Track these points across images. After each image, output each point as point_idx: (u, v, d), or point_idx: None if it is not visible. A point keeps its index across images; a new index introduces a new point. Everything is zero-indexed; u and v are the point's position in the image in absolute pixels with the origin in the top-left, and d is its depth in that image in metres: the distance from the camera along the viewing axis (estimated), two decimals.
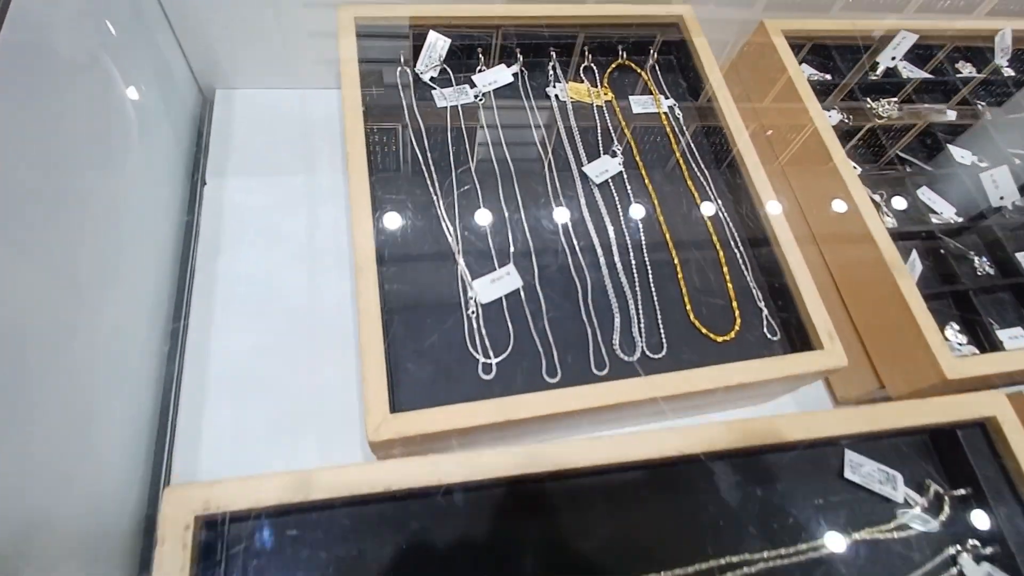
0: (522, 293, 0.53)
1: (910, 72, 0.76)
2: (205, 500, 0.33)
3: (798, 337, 0.54)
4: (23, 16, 0.39)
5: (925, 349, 0.52)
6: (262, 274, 0.60)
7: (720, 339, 0.54)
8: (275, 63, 0.70)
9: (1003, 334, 0.58)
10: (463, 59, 0.64)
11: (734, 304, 0.55)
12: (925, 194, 0.66)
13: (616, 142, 0.63)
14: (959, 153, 0.70)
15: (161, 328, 0.56)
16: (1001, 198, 0.66)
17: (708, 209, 0.60)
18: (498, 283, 0.52)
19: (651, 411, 0.53)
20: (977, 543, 0.41)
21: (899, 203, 0.65)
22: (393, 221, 0.54)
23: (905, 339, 0.54)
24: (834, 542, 0.41)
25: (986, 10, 0.80)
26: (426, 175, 0.57)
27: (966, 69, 0.79)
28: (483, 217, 0.56)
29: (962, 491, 0.42)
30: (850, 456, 0.43)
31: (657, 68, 0.69)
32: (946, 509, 0.42)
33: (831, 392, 0.65)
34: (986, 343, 0.57)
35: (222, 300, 0.59)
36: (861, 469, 0.42)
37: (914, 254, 0.60)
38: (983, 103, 0.75)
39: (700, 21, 0.70)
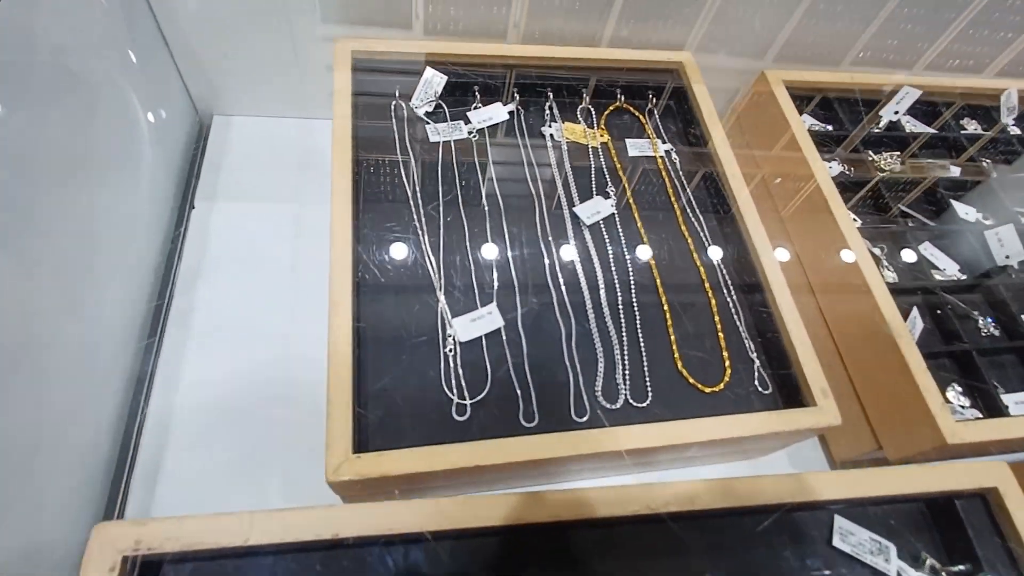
0: (503, 333, 0.51)
1: (914, 127, 0.75)
2: (136, 539, 0.30)
3: (790, 392, 0.51)
4: (18, 32, 0.39)
5: (925, 411, 0.49)
6: (241, 303, 0.59)
7: (708, 390, 0.51)
8: (274, 92, 0.70)
9: (1008, 399, 0.55)
10: (460, 95, 0.64)
11: (725, 354, 0.53)
12: (928, 249, 0.64)
13: (610, 184, 0.62)
14: (963, 210, 0.68)
15: (132, 351, 0.55)
16: (1007, 257, 0.64)
17: (702, 256, 0.59)
18: (479, 322, 0.51)
19: (633, 462, 0.50)
20: None
21: (903, 257, 0.63)
22: (376, 254, 0.53)
23: (904, 400, 0.51)
24: None
25: (995, 70, 0.79)
26: (412, 209, 0.56)
27: (971, 126, 0.78)
28: (468, 254, 0.55)
29: (960, 567, 0.39)
30: (840, 523, 0.40)
31: (656, 112, 0.69)
32: None
33: (827, 451, 0.62)
34: (989, 407, 0.54)
35: (198, 326, 0.57)
36: (851, 537, 0.39)
37: (915, 311, 0.58)
38: (988, 161, 0.74)
39: (710, 69, 0.70)
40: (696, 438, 0.45)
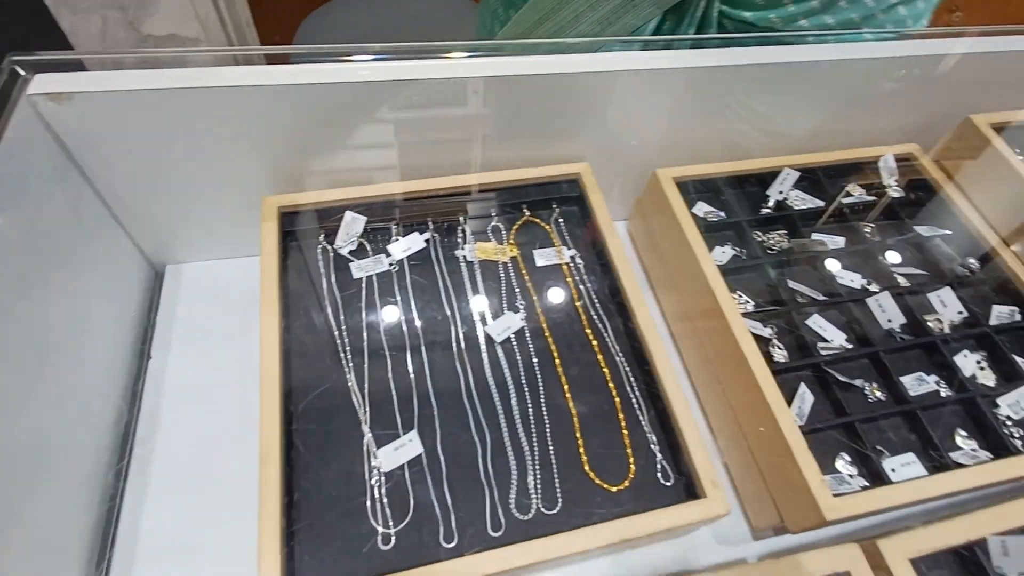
0: (424, 459, 0.56)
1: (802, 203, 0.82)
2: None
3: (688, 484, 0.57)
4: None
5: (806, 488, 0.55)
6: (199, 447, 0.65)
7: (615, 488, 0.57)
8: (219, 237, 0.77)
9: (895, 461, 0.61)
10: (380, 231, 0.72)
11: (628, 451, 0.59)
12: (816, 322, 0.70)
13: (520, 297, 0.68)
14: (849, 277, 0.75)
15: (95, 516, 0.60)
16: (889, 321, 0.71)
17: (606, 356, 0.65)
18: (401, 450, 0.57)
19: (552, 564, 0.55)
20: None
21: (792, 334, 0.69)
22: (304, 397, 0.59)
23: (791, 477, 0.57)
24: None
25: (868, 141, 0.87)
26: (339, 347, 0.62)
27: (857, 192, 0.86)
28: (391, 383, 0.61)
29: None
30: None
31: (561, 220, 0.76)
32: None
33: (748, 521, 0.67)
34: (873, 474, 0.59)
35: (157, 474, 0.63)
36: None
37: (802, 387, 0.64)
38: (871, 226, 0.81)
39: (612, 172, 0.78)
40: (594, 544, 0.50)
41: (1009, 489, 0.60)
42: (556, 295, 0.70)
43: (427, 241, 0.72)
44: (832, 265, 0.76)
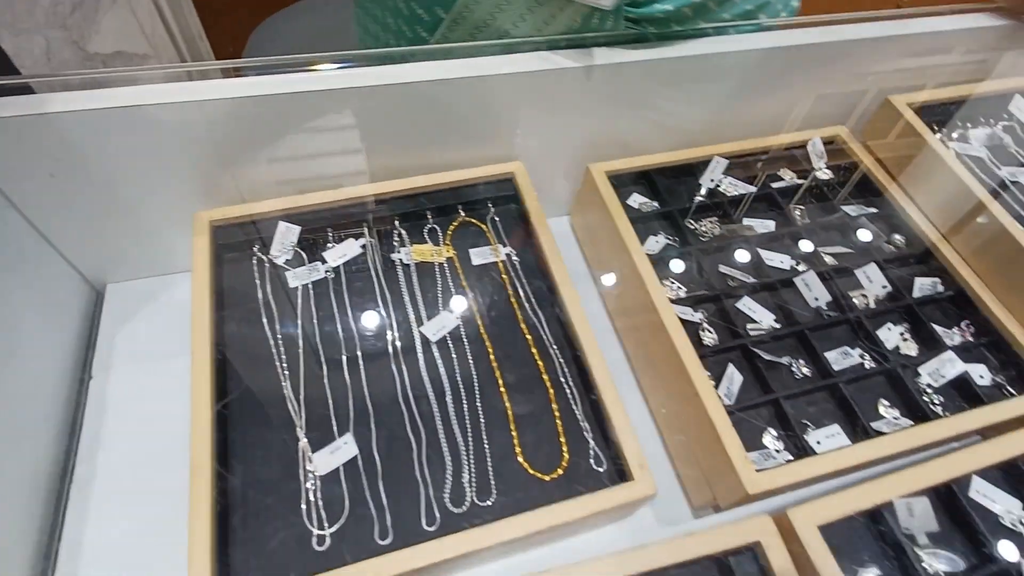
0: (360, 460, 0.58)
1: (735, 189, 0.84)
2: None
3: (619, 469, 0.58)
4: None
5: (730, 465, 0.57)
6: (140, 463, 0.65)
7: (548, 477, 0.58)
8: (159, 254, 0.78)
9: (820, 434, 0.63)
10: (316, 240, 0.72)
11: (562, 440, 0.61)
12: (746, 304, 0.73)
13: (455, 296, 0.70)
14: (778, 260, 0.77)
15: (36, 528, 0.60)
16: (816, 299, 0.73)
17: (540, 349, 0.66)
18: (336, 453, 0.58)
19: (495, 552, 0.57)
20: None
21: (722, 316, 0.71)
22: (240, 407, 0.60)
23: (717, 455, 0.59)
24: None
25: (796, 126, 0.90)
26: (275, 355, 0.63)
27: (788, 177, 0.88)
28: (327, 389, 0.62)
29: None
30: None
31: (497, 219, 0.77)
32: None
33: (688, 500, 0.69)
34: (799, 447, 0.61)
35: (99, 492, 0.63)
36: None
37: (730, 368, 0.66)
38: (801, 208, 0.83)
39: (547, 168, 0.80)
40: (522, 532, 0.52)
41: (929, 455, 0.62)
42: (492, 293, 0.71)
43: (363, 247, 0.72)
44: (762, 249, 0.78)
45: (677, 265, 0.76)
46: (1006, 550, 0.53)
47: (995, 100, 0.89)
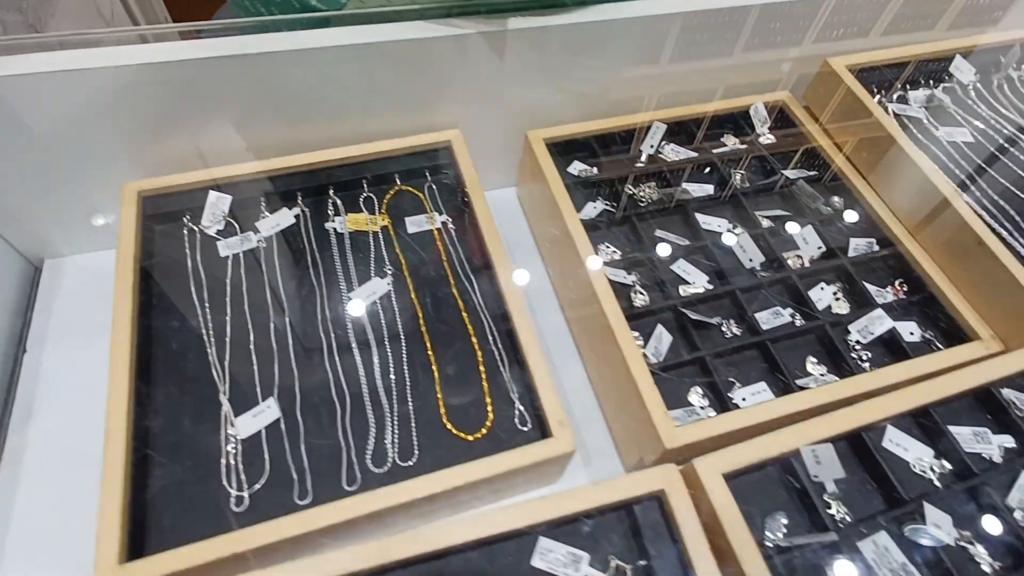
0: (282, 423, 0.58)
1: (676, 155, 0.84)
2: None
3: (542, 429, 0.59)
4: None
5: (651, 422, 0.57)
6: (72, 436, 0.65)
7: (472, 437, 0.59)
8: (95, 228, 0.77)
9: (746, 391, 0.64)
10: (249, 210, 0.72)
11: (488, 402, 0.61)
12: (681, 267, 0.73)
13: (388, 263, 0.70)
14: (716, 223, 0.77)
15: None
16: (750, 260, 0.73)
17: (470, 314, 0.66)
18: (259, 417, 0.58)
19: (411, 515, 0.57)
20: None
21: (655, 278, 0.71)
22: (163, 375, 0.60)
23: (640, 413, 0.59)
24: None
25: (740, 92, 0.89)
26: (201, 323, 0.63)
27: (731, 142, 0.88)
28: (253, 355, 0.62)
29: (642, 562, 0.46)
30: (542, 543, 0.47)
31: (434, 187, 0.77)
32: None
33: (622, 461, 0.69)
34: (724, 404, 0.62)
35: (30, 463, 0.63)
36: (549, 555, 0.46)
37: (659, 328, 0.67)
38: (742, 172, 0.83)
39: (486, 137, 0.79)
40: (439, 487, 0.52)
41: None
42: (426, 260, 0.71)
43: (297, 216, 0.72)
44: (699, 213, 0.78)
45: (613, 230, 0.76)
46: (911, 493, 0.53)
47: (936, 63, 0.89)
